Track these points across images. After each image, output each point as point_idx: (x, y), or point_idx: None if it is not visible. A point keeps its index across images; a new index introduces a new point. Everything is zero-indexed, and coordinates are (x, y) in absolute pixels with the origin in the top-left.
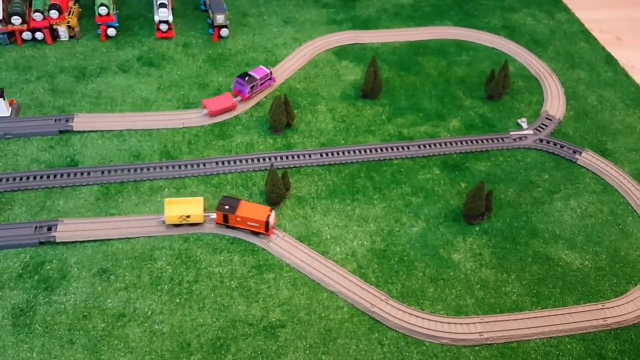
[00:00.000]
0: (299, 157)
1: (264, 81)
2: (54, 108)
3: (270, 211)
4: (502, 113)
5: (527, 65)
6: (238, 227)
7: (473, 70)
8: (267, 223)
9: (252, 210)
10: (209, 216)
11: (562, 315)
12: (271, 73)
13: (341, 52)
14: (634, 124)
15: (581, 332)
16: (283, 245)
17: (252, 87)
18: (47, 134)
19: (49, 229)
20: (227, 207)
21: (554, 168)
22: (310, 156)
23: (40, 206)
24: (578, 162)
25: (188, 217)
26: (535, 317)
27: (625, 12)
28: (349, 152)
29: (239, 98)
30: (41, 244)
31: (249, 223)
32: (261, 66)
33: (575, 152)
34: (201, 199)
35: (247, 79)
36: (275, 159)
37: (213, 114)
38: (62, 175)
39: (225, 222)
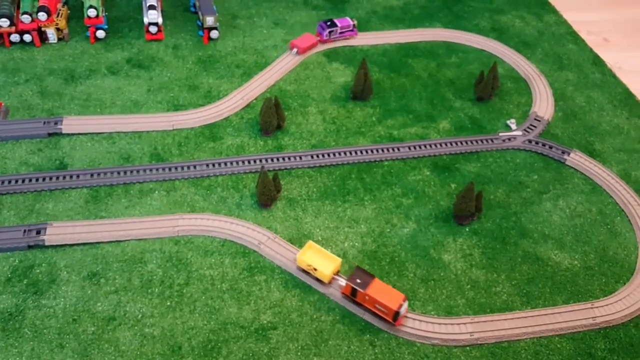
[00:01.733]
0: (289, 158)
1: (344, 30)
2: (42, 110)
3: (404, 300)
4: (491, 114)
5: (516, 66)
6: (365, 305)
7: (462, 72)
8: (397, 313)
9: (383, 293)
10: (336, 279)
11: (551, 315)
12: (354, 25)
13: (331, 54)
14: (621, 125)
15: (570, 331)
16: (274, 247)
17: (330, 32)
18: (36, 136)
19: (38, 232)
20: (358, 281)
21: (543, 168)
22: (300, 158)
23: (28, 209)
24: (566, 163)
25: (315, 269)
26: (525, 317)
27: (612, 14)
28: (339, 154)
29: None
30: (30, 247)
31: (377, 306)
32: (347, 17)
33: (563, 153)
34: (339, 260)
35: (328, 23)
36: (266, 160)
37: (303, 51)
38: (50, 178)
39: (352, 295)
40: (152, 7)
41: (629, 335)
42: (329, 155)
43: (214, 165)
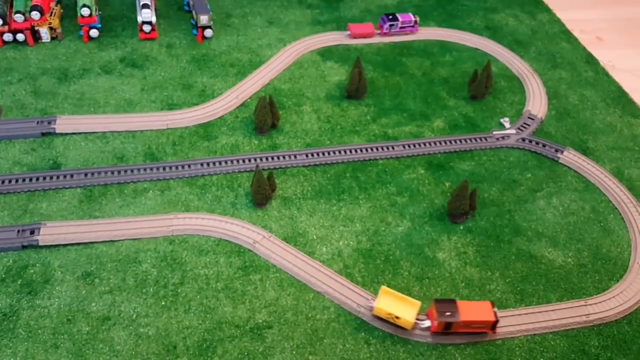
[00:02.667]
0: (284, 157)
1: (405, 25)
2: (35, 110)
3: (493, 305)
4: (485, 112)
5: (509, 65)
6: (461, 331)
7: (456, 70)
8: (496, 322)
9: (474, 311)
10: (418, 322)
11: (545, 312)
12: (416, 22)
13: (326, 53)
14: (614, 123)
15: (564, 329)
16: (269, 246)
17: (390, 25)
18: (29, 136)
19: (32, 232)
20: (447, 314)
21: (536, 166)
22: (295, 156)
23: (22, 209)
24: (560, 161)
25: (397, 317)
26: (519, 314)
27: (605, 12)
28: (334, 152)
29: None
30: (24, 247)
31: (474, 326)
32: (410, 14)
33: (557, 151)
34: (419, 303)
35: (390, 17)
36: (261, 159)
37: (354, 36)
38: (44, 178)
39: (446, 329)
40: (145, 5)
41: (622, 332)
42: (323, 154)
43: (208, 164)
